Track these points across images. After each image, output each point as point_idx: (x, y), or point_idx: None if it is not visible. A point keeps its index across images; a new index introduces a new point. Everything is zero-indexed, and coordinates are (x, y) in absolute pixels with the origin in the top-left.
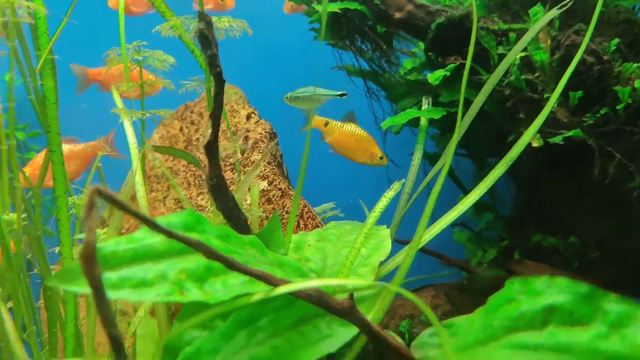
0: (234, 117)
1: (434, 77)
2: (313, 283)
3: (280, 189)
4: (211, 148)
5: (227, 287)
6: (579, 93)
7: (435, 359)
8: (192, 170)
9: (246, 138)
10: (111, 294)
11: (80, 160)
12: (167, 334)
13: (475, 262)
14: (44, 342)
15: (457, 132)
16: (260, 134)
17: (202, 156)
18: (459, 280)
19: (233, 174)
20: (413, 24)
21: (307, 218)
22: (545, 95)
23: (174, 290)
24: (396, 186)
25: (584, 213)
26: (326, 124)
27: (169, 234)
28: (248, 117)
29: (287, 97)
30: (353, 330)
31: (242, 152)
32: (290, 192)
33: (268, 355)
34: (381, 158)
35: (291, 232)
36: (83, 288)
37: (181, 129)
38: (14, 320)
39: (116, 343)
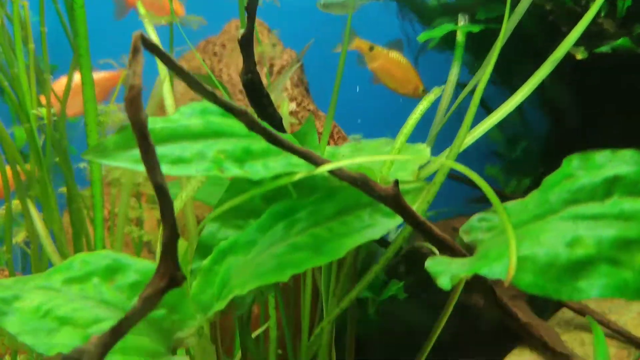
0: (258, 47)
1: None
2: (359, 159)
3: (309, 110)
4: (246, 42)
5: (267, 168)
6: (628, 2)
7: (485, 241)
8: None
9: (271, 66)
10: None
11: (99, 89)
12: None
13: (509, 192)
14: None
15: (502, 36)
16: (287, 60)
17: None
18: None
19: None
20: None
21: (338, 139)
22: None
23: (213, 168)
24: (436, 91)
25: (626, 143)
26: (371, 48)
27: (223, 104)
28: (273, 45)
29: (320, 3)
30: (396, 221)
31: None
32: (320, 114)
33: (309, 243)
34: (423, 91)
35: (325, 146)
36: (119, 162)
37: (203, 61)
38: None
39: (161, 191)
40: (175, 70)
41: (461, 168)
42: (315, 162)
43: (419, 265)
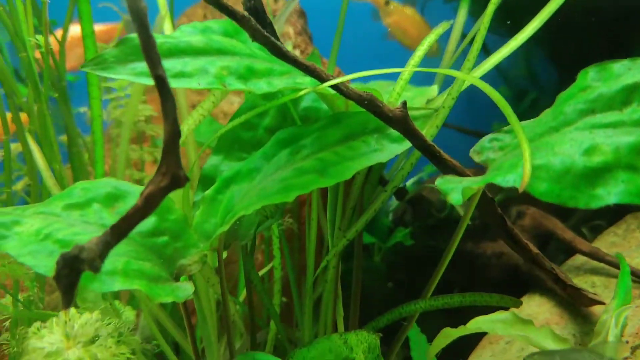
0: None
1: None
2: (366, 73)
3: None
4: None
5: (271, 85)
6: None
7: (497, 159)
8: None
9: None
10: (149, 81)
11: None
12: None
13: None
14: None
15: None
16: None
17: None
18: None
19: None
20: None
21: None
22: None
23: (216, 82)
24: (444, 25)
25: None
26: (387, 3)
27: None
28: None
29: None
30: (404, 146)
31: None
32: (324, 61)
33: (315, 166)
34: (437, 49)
35: None
36: (119, 74)
37: (205, 16)
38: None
39: (162, 84)
40: None
41: (479, 83)
42: (321, 77)
43: (424, 212)
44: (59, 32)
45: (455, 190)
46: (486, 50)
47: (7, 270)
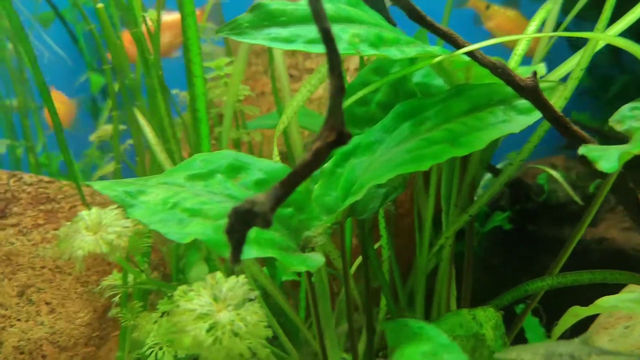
0: None
1: None
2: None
3: None
4: None
5: (403, 52)
6: None
7: None
8: None
9: None
10: (285, 46)
11: (174, 32)
12: None
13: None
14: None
15: None
16: None
17: None
18: None
19: None
20: None
21: None
22: None
23: (350, 49)
24: (543, 11)
25: None
26: (487, 7)
27: None
28: None
29: None
30: (532, 118)
31: None
32: None
33: (445, 137)
34: None
35: None
36: (255, 39)
37: None
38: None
39: (328, 37)
40: None
41: (618, 41)
42: (457, 42)
43: (523, 196)
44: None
45: (606, 157)
46: (574, 46)
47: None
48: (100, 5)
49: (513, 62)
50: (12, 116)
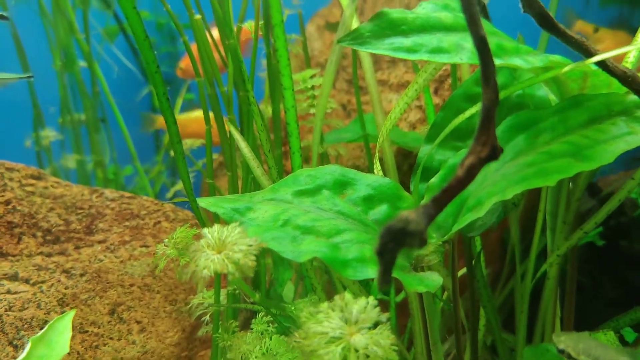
0: None
1: None
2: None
3: None
4: None
5: (527, 62)
6: None
7: None
8: None
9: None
10: (409, 56)
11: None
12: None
13: None
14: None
15: None
16: None
17: None
18: None
19: None
20: None
21: None
22: None
23: (474, 57)
24: None
25: None
26: (596, 30)
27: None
28: None
29: None
30: None
31: None
32: None
33: (567, 150)
34: None
35: None
36: (377, 49)
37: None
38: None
39: (483, 45)
40: None
41: None
42: (590, 52)
43: (616, 211)
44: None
45: None
46: None
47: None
48: (197, 16)
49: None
50: (80, 130)
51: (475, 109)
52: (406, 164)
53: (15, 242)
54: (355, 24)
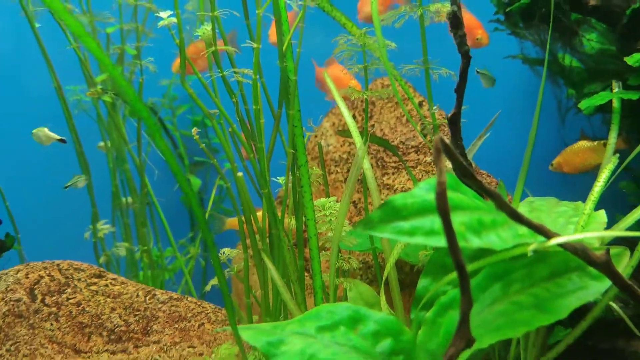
0: (407, 105)
1: (633, 59)
2: (586, 235)
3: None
4: (454, 120)
5: (501, 239)
6: None
7: None
8: (371, 153)
9: (423, 123)
10: (407, 239)
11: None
12: (398, 298)
13: None
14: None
15: None
16: (438, 119)
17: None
18: None
19: (417, 155)
20: (607, 11)
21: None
22: None
23: (460, 239)
24: (613, 160)
25: None
26: (604, 144)
27: (498, 199)
28: (420, 104)
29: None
30: (605, 284)
31: (425, 136)
32: (509, 197)
33: (530, 302)
34: None
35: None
36: (384, 233)
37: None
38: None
39: (462, 271)
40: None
41: None
42: (547, 235)
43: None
44: None
45: None
46: None
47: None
48: (255, 45)
49: (587, 208)
50: (129, 220)
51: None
52: (407, 265)
53: (86, 340)
54: (366, 163)
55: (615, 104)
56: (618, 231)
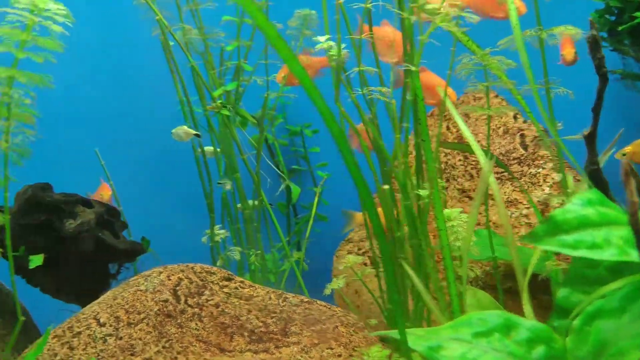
0: (502, 118)
1: None
2: None
3: None
4: (591, 138)
5: None
6: None
7: None
8: (471, 164)
9: (522, 135)
10: (570, 252)
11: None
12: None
13: None
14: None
15: None
16: (534, 130)
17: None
18: None
19: (521, 167)
20: None
21: None
22: None
23: (621, 255)
24: None
25: None
26: (623, 154)
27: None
28: (515, 117)
29: None
30: None
31: (525, 149)
32: None
33: None
34: None
35: None
36: (550, 246)
37: (448, 128)
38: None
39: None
40: None
41: None
42: None
43: None
44: None
45: None
46: None
47: None
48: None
49: None
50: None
51: (602, 261)
52: None
53: (229, 340)
54: (492, 177)
55: None
56: None
